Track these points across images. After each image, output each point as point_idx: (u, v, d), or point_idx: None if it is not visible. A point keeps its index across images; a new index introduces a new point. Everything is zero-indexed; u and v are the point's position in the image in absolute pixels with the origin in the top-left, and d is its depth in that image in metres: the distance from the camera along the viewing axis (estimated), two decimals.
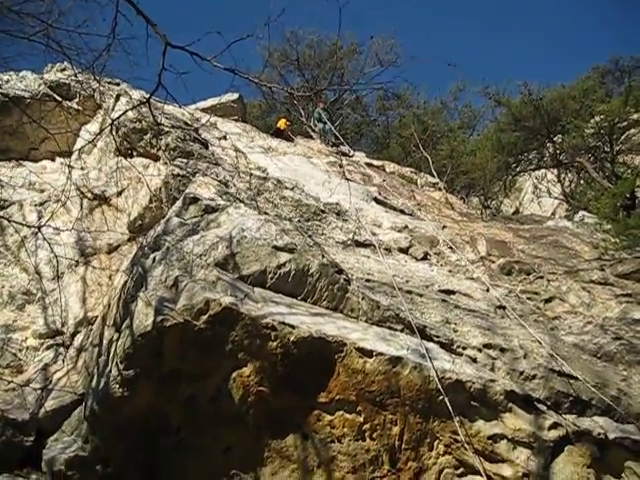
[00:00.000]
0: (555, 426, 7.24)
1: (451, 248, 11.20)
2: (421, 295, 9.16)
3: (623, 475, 7.22)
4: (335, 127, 21.30)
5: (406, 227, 11.80)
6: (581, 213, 15.69)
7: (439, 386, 7.21)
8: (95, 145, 13.18)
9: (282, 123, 20.08)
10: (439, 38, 77.79)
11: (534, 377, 7.78)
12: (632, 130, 19.94)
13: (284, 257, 8.44)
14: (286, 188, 12.14)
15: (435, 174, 20.62)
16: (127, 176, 11.95)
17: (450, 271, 10.48)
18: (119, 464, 7.79)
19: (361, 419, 7.31)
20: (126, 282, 8.81)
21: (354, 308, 8.32)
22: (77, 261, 10.79)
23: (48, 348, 9.90)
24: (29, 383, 9.01)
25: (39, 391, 8.81)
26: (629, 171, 18.17)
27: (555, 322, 9.53)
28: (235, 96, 21.48)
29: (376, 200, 13.64)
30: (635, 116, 19.56)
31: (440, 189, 19.27)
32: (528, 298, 9.97)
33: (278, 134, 19.11)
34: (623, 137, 19.62)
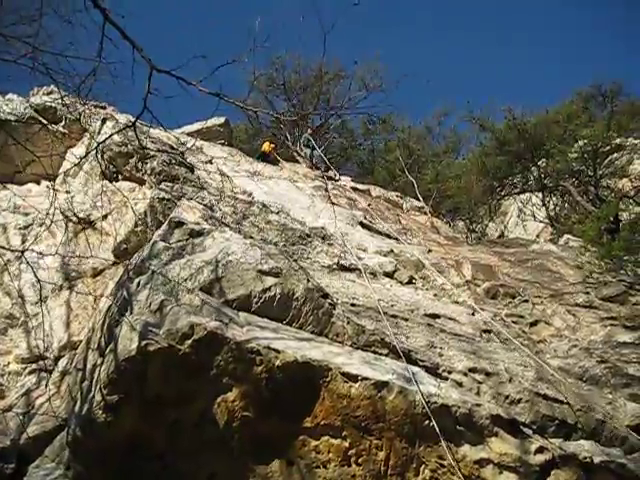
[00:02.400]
0: (541, 450, 7.24)
1: (437, 272, 11.22)
2: (406, 319, 9.16)
3: None
4: (321, 152, 21.32)
5: (391, 251, 11.81)
6: (566, 236, 15.81)
7: (425, 410, 7.19)
8: (81, 168, 13.12)
9: (267, 146, 19.94)
10: (423, 60, 78.41)
11: (519, 401, 7.78)
12: (615, 154, 20.17)
13: (269, 281, 8.43)
14: (271, 212, 12.15)
15: (420, 198, 20.74)
16: (113, 200, 11.90)
17: (435, 295, 10.49)
18: None
19: (346, 444, 7.26)
20: (111, 306, 8.75)
21: (339, 332, 8.31)
22: (61, 285, 10.73)
23: (31, 373, 9.79)
24: (11, 408, 8.92)
25: (21, 416, 8.71)
26: (613, 195, 18.35)
27: (540, 346, 9.55)
28: (221, 120, 21.52)
29: (362, 224, 13.65)
30: (618, 140, 19.82)
31: (425, 213, 19.35)
32: (513, 322, 9.99)
33: (264, 157, 19.07)
34: (606, 161, 19.83)
